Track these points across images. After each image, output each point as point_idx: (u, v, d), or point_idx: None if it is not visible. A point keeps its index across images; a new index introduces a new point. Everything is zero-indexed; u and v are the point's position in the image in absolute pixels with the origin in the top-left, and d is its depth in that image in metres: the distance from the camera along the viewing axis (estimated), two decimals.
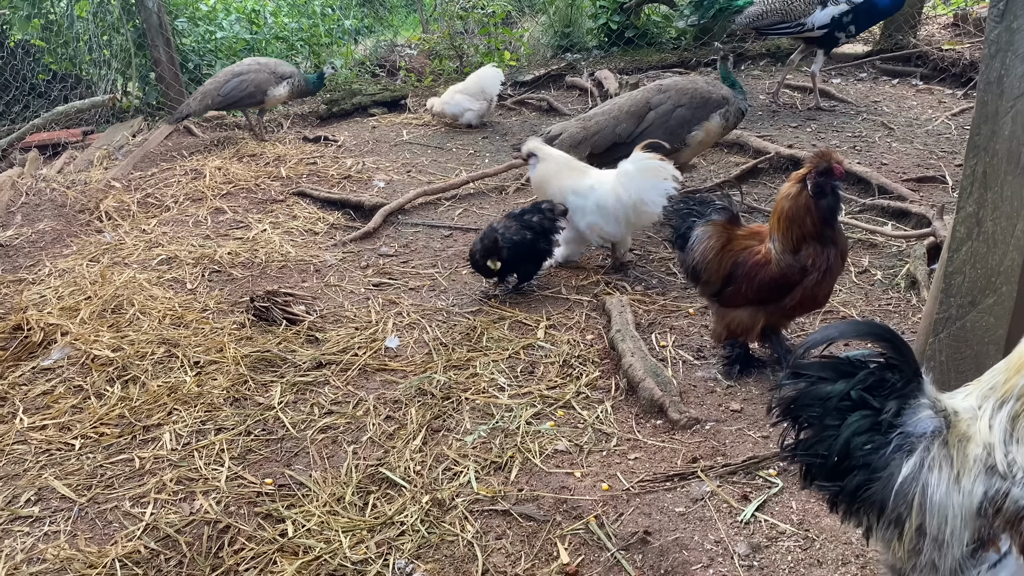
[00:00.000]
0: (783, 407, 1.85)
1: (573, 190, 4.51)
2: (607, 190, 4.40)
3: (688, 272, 3.56)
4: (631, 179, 4.32)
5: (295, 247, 5.11)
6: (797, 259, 3.24)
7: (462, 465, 3.09)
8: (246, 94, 7.05)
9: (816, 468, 1.83)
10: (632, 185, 4.31)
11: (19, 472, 3.16)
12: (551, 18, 9.80)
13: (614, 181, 4.40)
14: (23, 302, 4.34)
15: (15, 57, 8.50)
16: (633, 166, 4.34)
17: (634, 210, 4.33)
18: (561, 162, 4.67)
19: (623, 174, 4.37)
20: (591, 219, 4.46)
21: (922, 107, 6.93)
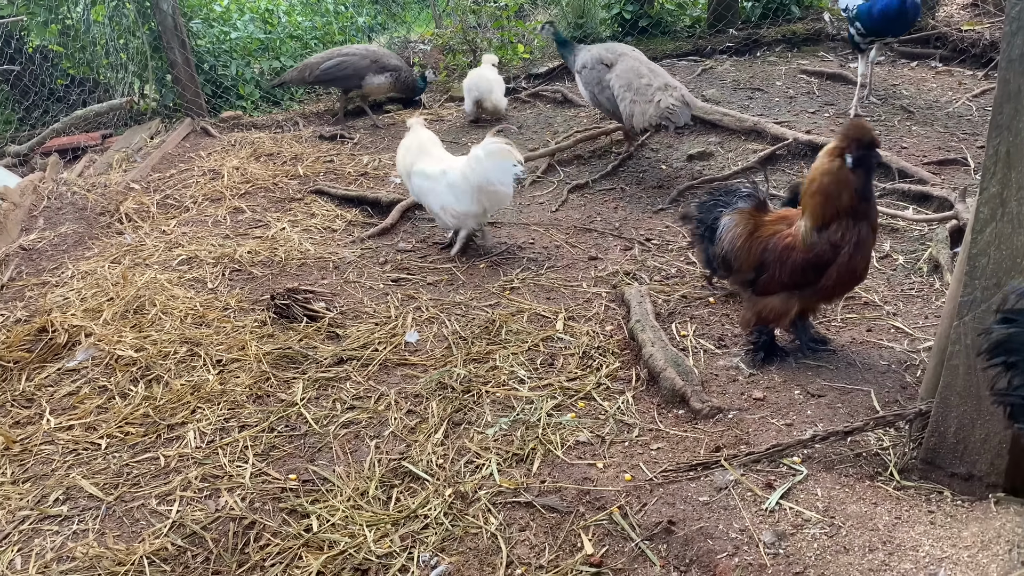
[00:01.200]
0: (992, 350, 1.93)
1: (422, 172, 4.89)
2: (458, 173, 4.71)
3: (719, 262, 3.49)
4: (480, 162, 4.61)
5: (314, 245, 5.13)
6: (826, 237, 3.19)
7: (484, 458, 3.09)
8: (343, 75, 7.48)
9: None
10: (480, 168, 4.61)
11: (47, 472, 3.20)
12: (564, 9, 9.76)
13: (464, 165, 4.71)
14: (47, 304, 4.39)
15: (34, 63, 8.59)
16: (483, 150, 4.61)
17: (484, 191, 4.65)
18: (419, 143, 5.02)
19: (473, 158, 4.66)
20: (444, 200, 4.78)
21: (942, 89, 6.84)
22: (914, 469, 2.76)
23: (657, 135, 6.39)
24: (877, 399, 3.18)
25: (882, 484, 2.71)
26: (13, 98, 8.80)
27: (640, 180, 5.95)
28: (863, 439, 2.96)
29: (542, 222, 5.37)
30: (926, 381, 2.90)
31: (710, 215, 3.51)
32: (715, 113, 6.42)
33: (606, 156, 6.41)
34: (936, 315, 3.74)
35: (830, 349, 3.54)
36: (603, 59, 5.91)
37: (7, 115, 8.80)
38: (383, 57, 7.55)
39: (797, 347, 3.56)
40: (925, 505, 2.58)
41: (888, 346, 3.56)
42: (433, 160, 4.92)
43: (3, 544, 2.84)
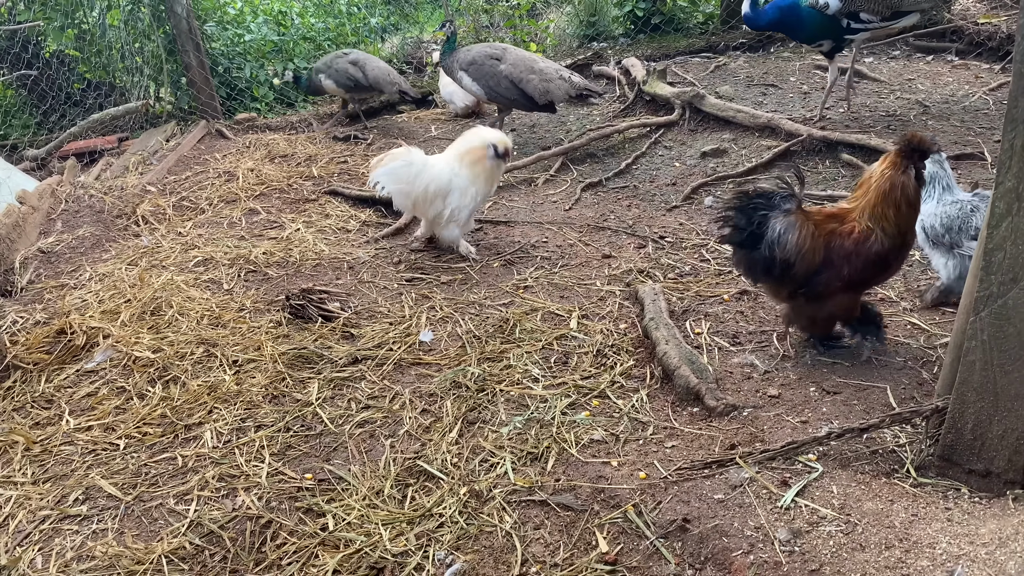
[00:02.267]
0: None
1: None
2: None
3: (779, 267, 3.26)
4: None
5: (328, 245, 5.16)
6: (898, 237, 3.24)
7: (498, 456, 3.10)
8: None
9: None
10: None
11: (67, 472, 3.23)
12: (576, 7, 9.76)
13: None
14: (66, 306, 4.44)
15: (51, 67, 8.67)
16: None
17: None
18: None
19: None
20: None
21: (958, 83, 6.79)
22: (931, 466, 2.74)
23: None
24: (893, 396, 3.16)
25: (899, 481, 2.69)
26: (31, 103, 8.89)
27: (653, 178, 5.94)
28: (879, 436, 2.95)
29: (555, 220, 5.37)
30: (943, 377, 2.88)
31: (752, 220, 3.29)
32: (728, 110, 6.41)
33: (619, 154, 6.41)
34: (952, 310, 3.72)
35: (846, 345, 3.53)
36: (491, 54, 6.50)
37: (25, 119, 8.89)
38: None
39: (862, 336, 3.49)
40: (942, 502, 2.56)
41: (904, 342, 3.54)
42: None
43: (24, 543, 2.87)
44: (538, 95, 6.38)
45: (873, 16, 5.58)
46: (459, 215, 4.79)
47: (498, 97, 6.62)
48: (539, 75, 6.36)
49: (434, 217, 4.85)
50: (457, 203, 4.75)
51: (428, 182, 4.74)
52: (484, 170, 4.76)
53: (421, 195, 4.77)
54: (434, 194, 4.75)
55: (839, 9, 5.51)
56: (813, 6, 5.53)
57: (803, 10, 5.62)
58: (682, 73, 7.73)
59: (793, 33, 6.00)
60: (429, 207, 4.81)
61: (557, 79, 6.39)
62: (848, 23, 5.58)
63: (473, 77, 6.58)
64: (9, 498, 3.09)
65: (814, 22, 5.60)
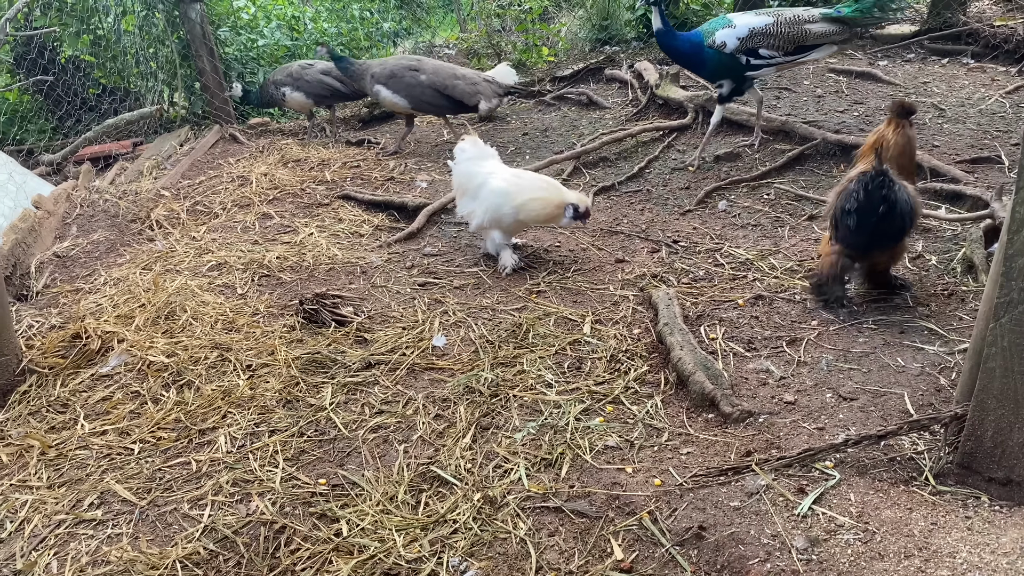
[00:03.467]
0: None
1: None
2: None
3: (908, 223, 3.69)
4: None
5: (341, 250, 5.17)
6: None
7: (512, 462, 3.09)
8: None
9: None
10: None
11: (82, 476, 3.24)
12: (588, 11, 9.75)
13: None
14: (81, 311, 4.46)
15: (66, 73, 8.73)
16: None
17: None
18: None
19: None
20: None
21: (974, 86, 6.74)
22: (950, 474, 2.71)
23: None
24: (911, 402, 3.13)
25: (917, 489, 2.67)
26: (47, 108, 8.95)
27: (666, 182, 5.92)
28: (897, 443, 2.92)
29: (568, 224, 5.35)
30: (961, 384, 2.85)
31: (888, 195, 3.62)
32: (742, 114, 6.38)
33: (632, 158, 6.39)
34: (971, 316, 3.68)
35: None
36: (408, 66, 6.86)
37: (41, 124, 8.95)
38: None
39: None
40: (962, 511, 2.54)
41: (921, 348, 3.51)
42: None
43: (40, 548, 2.88)
44: (467, 97, 6.80)
45: (775, 52, 5.52)
46: (473, 219, 4.78)
47: (423, 105, 6.93)
48: (464, 80, 6.80)
49: (460, 212, 4.97)
50: (476, 208, 4.74)
51: (462, 172, 4.86)
52: (544, 212, 4.62)
53: (456, 185, 4.96)
54: (461, 190, 4.87)
55: (736, 47, 5.46)
56: (711, 46, 5.49)
57: (705, 51, 5.57)
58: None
59: (698, 70, 5.94)
60: (459, 201, 4.94)
61: (482, 82, 6.86)
62: (747, 60, 5.52)
63: (393, 89, 6.84)
64: (25, 502, 3.10)
65: (714, 62, 5.55)
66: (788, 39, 5.49)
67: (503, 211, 4.61)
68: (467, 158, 4.88)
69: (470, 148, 4.90)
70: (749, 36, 5.44)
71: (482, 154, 4.89)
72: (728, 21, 5.55)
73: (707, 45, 5.53)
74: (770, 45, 5.47)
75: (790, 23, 5.51)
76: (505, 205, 4.60)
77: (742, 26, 5.49)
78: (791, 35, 5.49)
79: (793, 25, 5.50)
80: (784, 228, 4.91)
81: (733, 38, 5.47)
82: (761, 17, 5.55)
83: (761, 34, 5.44)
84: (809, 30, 5.52)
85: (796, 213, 5.09)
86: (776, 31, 5.46)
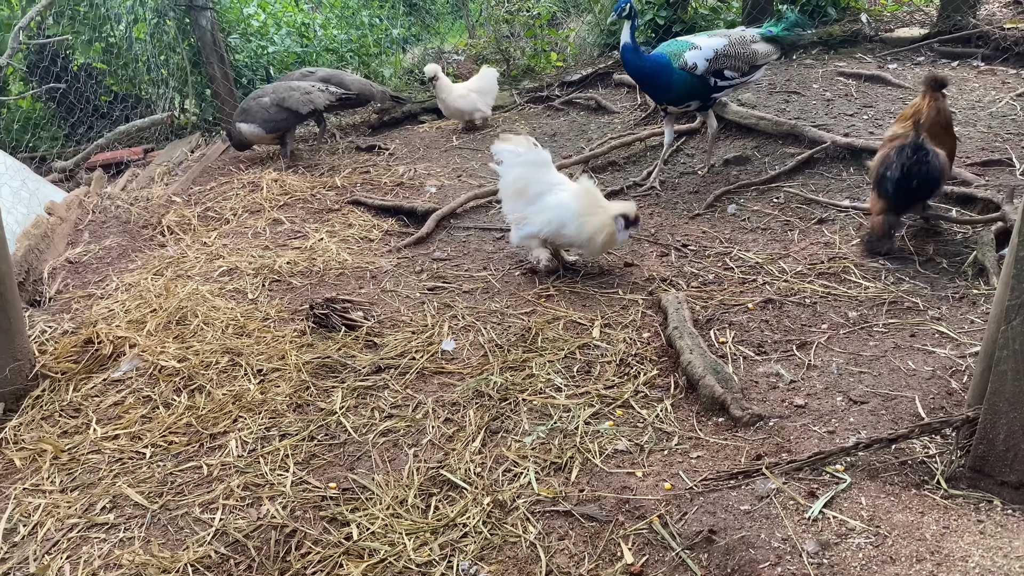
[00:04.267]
0: None
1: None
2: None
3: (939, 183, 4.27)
4: None
5: (351, 254, 5.18)
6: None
7: (522, 466, 3.09)
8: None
9: None
10: None
11: (94, 480, 3.26)
12: (597, 16, 9.76)
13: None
14: (93, 316, 4.49)
15: (79, 80, 8.80)
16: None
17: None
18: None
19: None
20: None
21: (984, 89, 6.71)
22: (962, 477, 2.70)
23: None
24: (922, 405, 3.12)
25: (929, 493, 2.65)
26: (59, 115, 9.02)
27: (675, 186, 5.91)
28: (908, 447, 2.91)
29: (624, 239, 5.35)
30: (973, 387, 2.84)
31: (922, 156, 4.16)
32: (751, 117, 6.37)
33: (641, 162, 6.39)
34: (982, 319, 3.67)
35: None
36: (255, 96, 7.16)
37: (54, 131, 9.03)
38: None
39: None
40: (974, 514, 2.52)
41: (932, 351, 3.50)
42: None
43: (53, 551, 2.90)
44: (301, 106, 7.05)
45: (735, 72, 5.54)
46: (522, 226, 4.63)
47: (274, 124, 7.09)
48: (299, 91, 7.11)
49: (509, 214, 4.76)
50: (532, 215, 4.59)
51: (517, 176, 4.66)
52: (601, 228, 4.48)
53: (508, 185, 4.71)
54: (515, 192, 4.66)
55: (706, 68, 5.45)
56: (683, 67, 5.44)
57: (675, 72, 5.46)
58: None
59: (661, 93, 5.66)
60: (507, 201, 4.76)
61: (316, 92, 7.15)
62: (715, 81, 5.52)
63: (248, 122, 7.09)
64: (38, 506, 3.12)
65: (684, 83, 5.49)
66: (743, 59, 5.54)
67: (567, 227, 4.48)
68: (524, 161, 4.63)
69: (525, 150, 4.65)
70: (715, 57, 5.45)
71: (540, 159, 4.65)
72: (691, 44, 5.53)
73: (678, 67, 5.44)
74: (731, 66, 5.51)
75: (742, 43, 5.56)
76: (571, 222, 4.46)
77: (707, 48, 5.47)
78: (745, 55, 5.54)
79: (744, 45, 5.56)
80: (794, 232, 4.90)
81: (703, 59, 5.43)
82: (717, 39, 5.57)
83: (724, 55, 5.48)
84: (756, 50, 5.60)
85: (806, 217, 5.07)
86: (733, 51, 5.50)
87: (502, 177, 4.74)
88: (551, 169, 4.71)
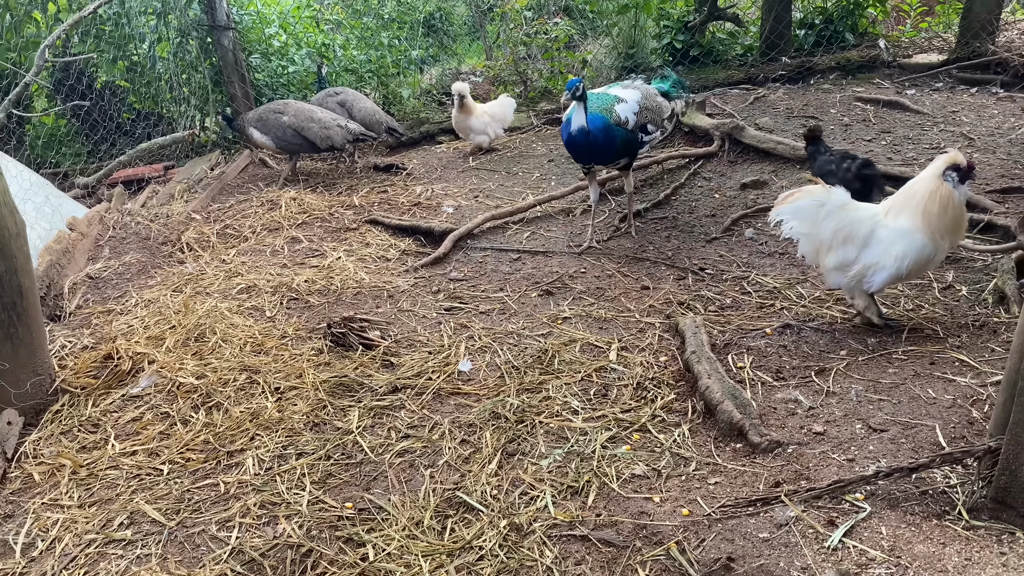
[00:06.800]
0: None
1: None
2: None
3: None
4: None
5: (368, 274, 5.21)
6: None
7: (538, 489, 3.08)
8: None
9: None
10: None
11: (112, 496, 3.27)
12: (614, 40, 9.82)
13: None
14: (112, 332, 4.52)
15: (102, 98, 8.92)
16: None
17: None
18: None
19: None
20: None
21: (1004, 115, 6.70)
22: (984, 508, 2.67)
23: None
24: (943, 434, 3.09)
25: (950, 523, 2.62)
26: (83, 132, 9.15)
27: (692, 209, 5.92)
28: (929, 476, 2.88)
29: (593, 250, 5.37)
30: (995, 417, 2.81)
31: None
32: (768, 141, 6.38)
33: (658, 185, 6.41)
34: (1003, 348, 3.64)
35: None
36: (274, 109, 7.31)
37: (76, 148, 9.15)
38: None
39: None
40: (996, 546, 2.49)
41: (953, 379, 3.47)
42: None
43: (70, 567, 2.90)
44: (319, 140, 7.14)
45: (655, 128, 5.38)
46: (873, 276, 3.82)
47: (287, 145, 7.30)
48: (319, 124, 7.14)
49: (834, 267, 3.90)
50: (875, 259, 3.79)
51: (838, 225, 3.85)
52: (937, 210, 3.71)
53: (828, 238, 3.87)
54: (842, 239, 3.85)
55: (635, 123, 5.21)
56: (617, 123, 5.15)
57: (614, 129, 5.13)
58: (721, 104, 7.73)
59: (601, 155, 5.25)
60: (828, 255, 3.90)
61: (335, 127, 7.17)
62: (641, 137, 5.30)
63: (262, 131, 7.29)
64: (56, 521, 3.14)
65: (622, 139, 5.15)
66: (657, 113, 5.36)
67: (925, 255, 3.76)
68: (831, 209, 3.86)
69: (824, 198, 3.88)
70: (640, 110, 5.22)
71: (842, 199, 3.89)
72: (616, 96, 5.23)
73: (612, 123, 5.11)
74: (651, 120, 5.33)
75: (651, 95, 5.37)
76: (928, 246, 3.73)
77: (632, 101, 5.22)
78: (656, 108, 5.36)
79: (653, 98, 5.39)
80: None
81: (631, 113, 5.17)
82: (632, 91, 5.31)
83: (645, 108, 5.27)
84: (662, 103, 5.45)
85: None
86: (650, 104, 5.30)
87: (806, 238, 3.93)
88: (856, 203, 3.94)
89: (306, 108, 7.34)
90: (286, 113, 7.23)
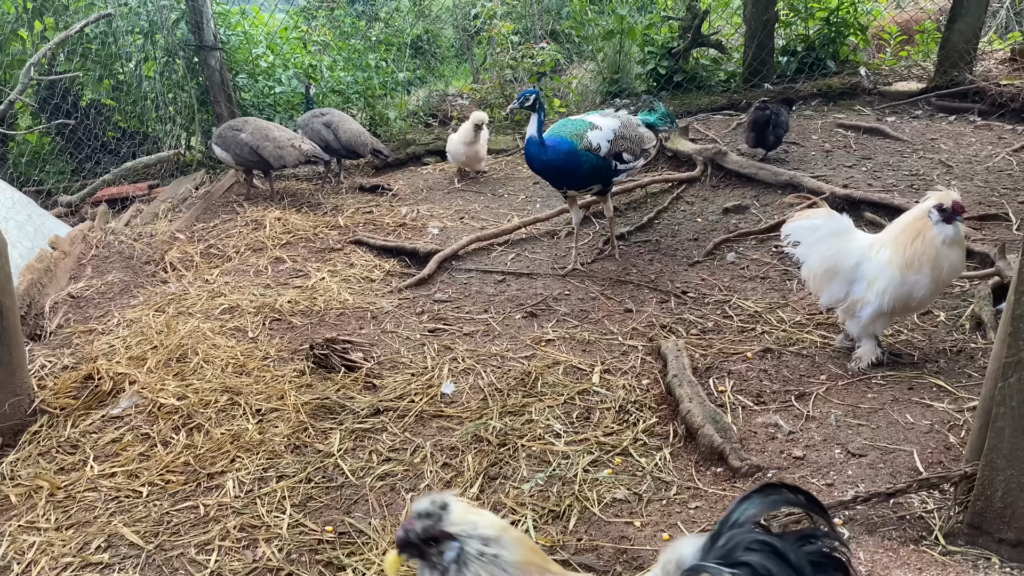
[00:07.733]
0: None
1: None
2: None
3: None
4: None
5: (352, 294, 5.21)
6: None
7: (520, 514, 3.08)
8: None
9: None
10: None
11: (90, 519, 3.24)
12: (599, 65, 9.92)
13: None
14: (94, 352, 4.50)
15: (87, 116, 8.90)
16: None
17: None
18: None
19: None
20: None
21: (981, 144, 6.81)
22: (960, 533, 2.70)
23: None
24: (920, 460, 3.12)
25: (927, 549, 2.65)
26: (67, 150, 9.11)
27: (675, 232, 5.97)
28: (906, 501, 2.91)
29: (577, 273, 5.40)
30: (971, 442, 2.84)
31: None
32: (750, 167, 6.46)
33: (641, 208, 6.46)
34: (980, 373, 3.68)
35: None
36: (234, 126, 7.42)
37: (60, 166, 9.11)
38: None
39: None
40: (972, 572, 2.52)
41: (930, 405, 3.51)
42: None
43: None
44: (273, 159, 7.18)
45: (631, 156, 5.39)
46: (861, 311, 3.82)
47: (243, 161, 7.38)
48: (273, 143, 7.18)
49: (828, 301, 3.97)
50: (860, 294, 3.81)
51: (823, 255, 3.88)
52: (921, 249, 3.68)
53: (813, 268, 3.93)
54: (825, 272, 3.88)
55: (608, 151, 5.18)
56: (587, 149, 5.12)
57: (581, 154, 5.13)
58: (704, 130, 7.82)
59: (568, 179, 5.28)
60: (817, 285, 3.95)
61: (288, 147, 7.19)
62: (615, 164, 5.31)
63: (222, 147, 7.40)
64: (32, 543, 3.10)
65: (591, 165, 5.16)
66: (635, 142, 5.39)
67: (904, 291, 3.72)
68: (822, 236, 3.91)
69: (823, 222, 3.92)
70: (615, 139, 5.24)
71: (842, 226, 3.93)
72: (590, 123, 5.25)
73: (582, 148, 5.13)
74: (627, 148, 5.34)
75: (630, 125, 5.42)
76: (905, 283, 3.71)
77: (607, 128, 5.23)
78: (635, 137, 5.39)
79: (633, 128, 5.43)
80: (792, 281, 4.94)
81: (604, 140, 5.18)
82: (610, 119, 5.35)
83: (621, 136, 5.29)
84: (643, 133, 5.48)
85: None
86: (628, 133, 5.33)
87: (805, 261, 3.97)
88: (855, 233, 3.96)
89: (263, 127, 7.38)
90: (244, 131, 7.30)
